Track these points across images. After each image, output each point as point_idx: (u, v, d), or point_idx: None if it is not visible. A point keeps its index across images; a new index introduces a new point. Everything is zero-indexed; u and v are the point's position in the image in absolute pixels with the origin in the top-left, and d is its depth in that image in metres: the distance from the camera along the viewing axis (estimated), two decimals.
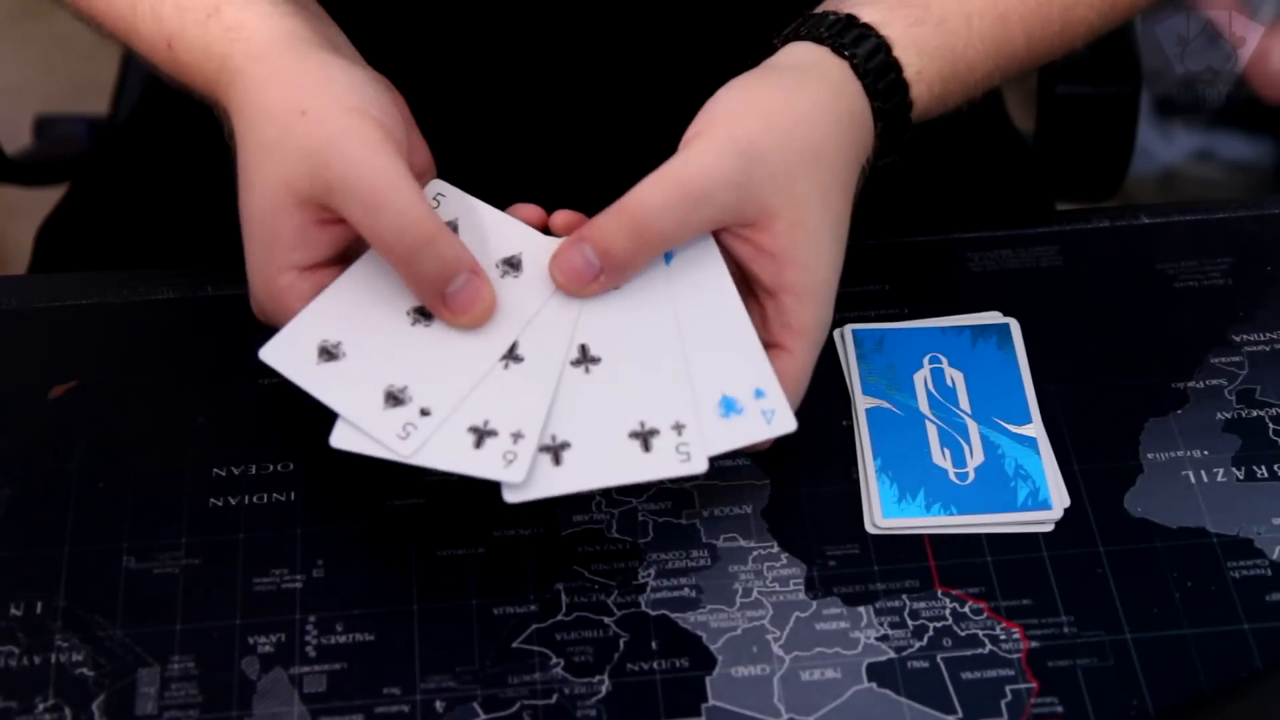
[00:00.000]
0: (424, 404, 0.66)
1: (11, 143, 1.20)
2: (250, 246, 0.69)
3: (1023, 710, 0.68)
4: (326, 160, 0.65)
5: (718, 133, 0.68)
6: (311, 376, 0.67)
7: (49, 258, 1.04)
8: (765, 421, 0.67)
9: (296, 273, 0.68)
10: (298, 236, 0.67)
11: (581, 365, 0.68)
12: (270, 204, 0.67)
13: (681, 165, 0.67)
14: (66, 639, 0.69)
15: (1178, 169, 1.83)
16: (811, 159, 0.69)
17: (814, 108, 0.70)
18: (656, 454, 0.66)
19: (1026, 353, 0.78)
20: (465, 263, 0.67)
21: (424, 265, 0.66)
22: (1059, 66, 1.10)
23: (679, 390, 0.67)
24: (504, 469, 0.65)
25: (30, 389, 0.77)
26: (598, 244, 0.68)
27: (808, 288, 0.69)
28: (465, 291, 0.67)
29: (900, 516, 0.73)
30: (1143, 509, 0.74)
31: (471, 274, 0.67)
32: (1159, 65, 1.10)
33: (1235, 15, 0.94)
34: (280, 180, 0.67)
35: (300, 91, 0.67)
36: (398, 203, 0.65)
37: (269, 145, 0.67)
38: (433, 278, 0.66)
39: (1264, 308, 0.81)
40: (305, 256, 0.68)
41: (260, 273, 0.68)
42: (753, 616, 0.70)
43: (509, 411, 0.66)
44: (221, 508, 0.73)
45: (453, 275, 0.66)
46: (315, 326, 0.68)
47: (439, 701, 0.67)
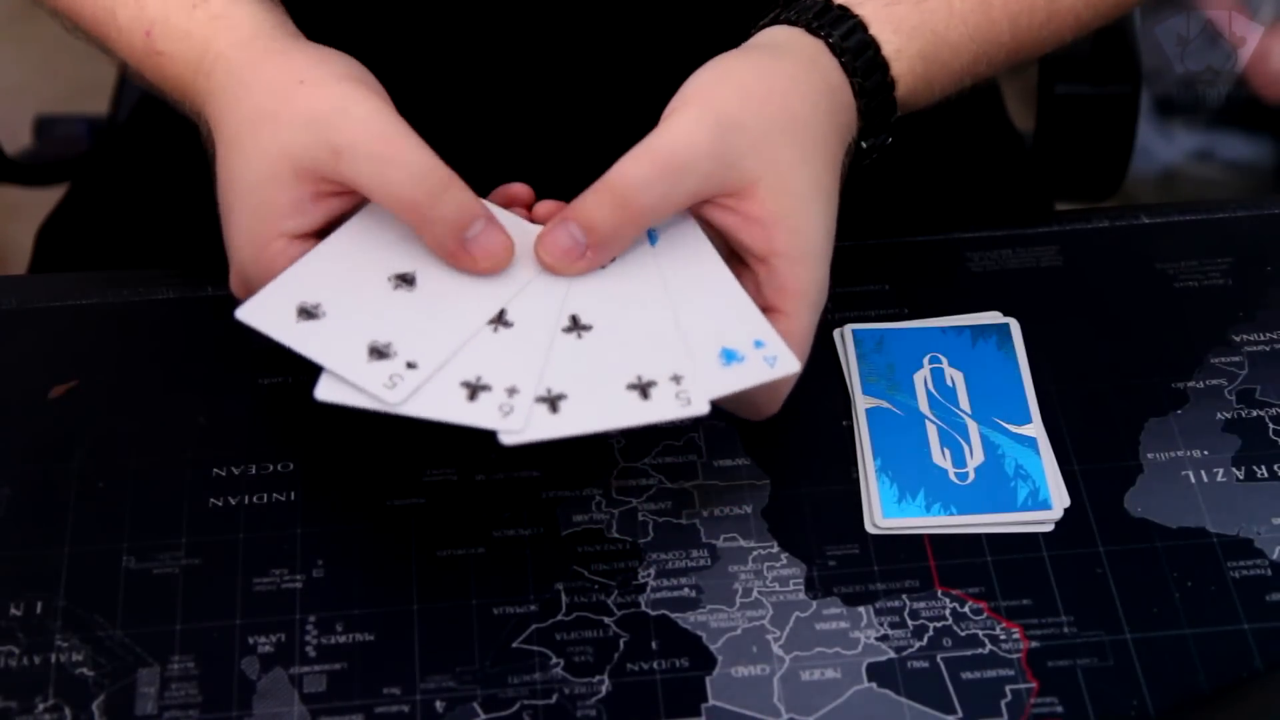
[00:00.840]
0: (410, 357, 0.66)
1: (11, 143, 1.20)
2: (239, 216, 0.68)
3: (1023, 710, 0.68)
4: (332, 124, 0.66)
5: (694, 105, 0.68)
6: (292, 332, 0.66)
7: (49, 258, 1.04)
8: (769, 365, 0.67)
9: (287, 240, 0.68)
10: (293, 206, 0.67)
11: (573, 332, 0.68)
12: (268, 172, 0.67)
13: (660, 138, 0.68)
14: (66, 639, 0.69)
15: (1178, 169, 1.83)
16: (790, 125, 0.69)
17: (790, 79, 0.71)
18: (656, 400, 0.66)
19: (1026, 353, 0.78)
20: (481, 208, 0.67)
21: (444, 209, 0.66)
22: (1059, 66, 1.10)
23: (673, 346, 0.67)
24: (500, 419, 0.65)
25: (30, 389, 0.77)
26: (582, 221, 0.68)
27: (798, 250, 0.68)
28: (485, 235, 0.67)
29: (900, 516, 0.73)
30: (1143, 509, 0.74)
31: (489, 218, 0.67)
32: (1159, 65, 1.10)
33: (1235, 15, 0.94)
34: (279, 149, 0.67)
35: (294, 65, 0.68)
36: (411, 152, 0.66)
37: (268, 115, 0.67)
38: (452, 221, 0.66)
39: (1264, 308, 0.81)
40: (298, 225, 0.68)
41: (250, 238, 0.68)
42: (753, 616, 0.70)
43: (502, 368, 0.66)
44: (221, 508, 0.73)
45: (471, 219, 0.67)
46: (294, 288, 0.67)
47: (439, 701, 0.67)
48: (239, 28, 0.71)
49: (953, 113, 0.81)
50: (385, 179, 0.66)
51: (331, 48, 0.72)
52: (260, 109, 0.68)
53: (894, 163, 0.78)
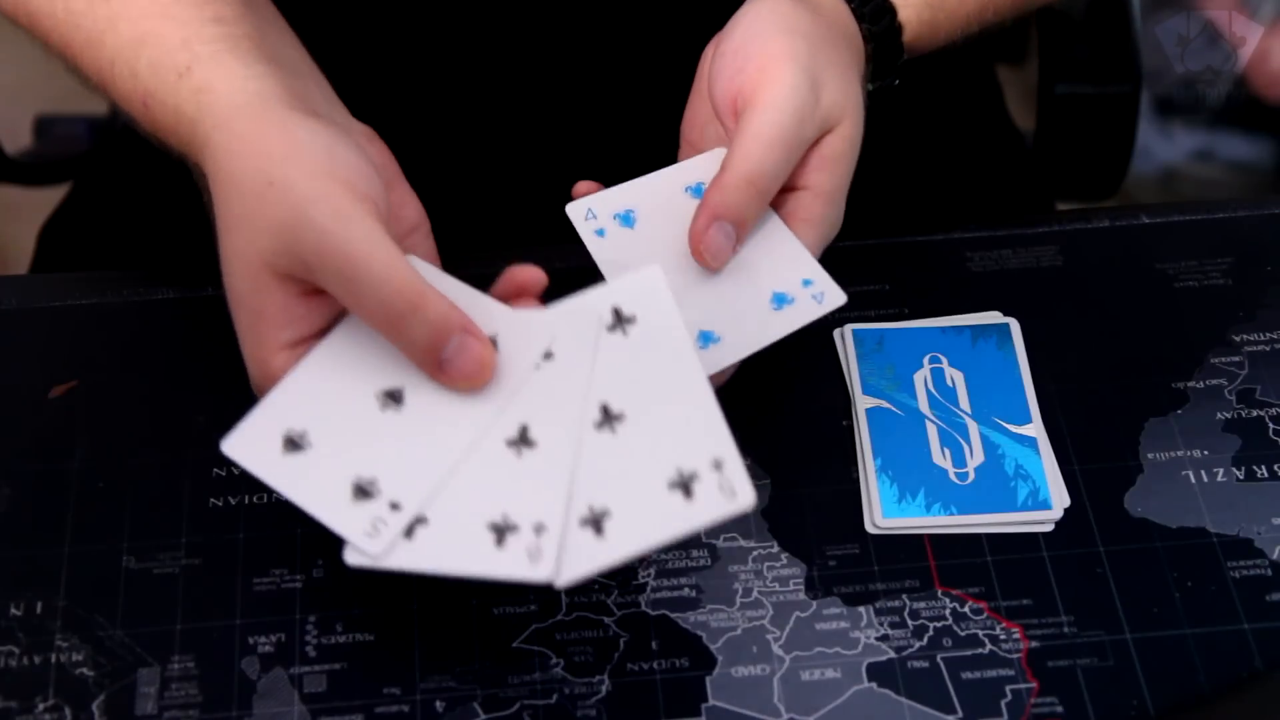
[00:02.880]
0: (393, 497, 0.62)
1: (11, 143, 1.20)
2: (239, 328, 0.66)
3: (1023, 710, 0.68)
4: (298, 234, 0.62)
5: (786, 66, 0.69)
6: (277, 471, 0.63)
7: (51, 258, 1.04)
8: (817, 303, 0.69)
9: (289, 351, 0.65)
10: (284, 314, 0.64)
11: (606, 427, 0.64)
12: (251, 285, 0.64)
13: (777, 119, 0.68)
14: (66, 639, 0.69)
15: (1178, 169, 1.83)
16: (852, 68, 0.72)
17: (830, 28, 0.73)
18: (700, 499, 0.62)
19: (1026, 353, 0.78)
20: (455, 323, 0.63)
21: (413, 333, 0.62)
22: (1059, 66, 1.10)
23: (712, 423, 0.63)
24: (530, 566, 0.61)
25: (30, 389, 0.77)
26: (736, 219, 0.69)
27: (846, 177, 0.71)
28: (461, 355, 0.63)
29: (900, 516, 0.73)
30: (1143, 509, 0.74)
31: (465, 334, 0.63)
32: (1159, 65, 1.10)
33: (1235, 15, 0.94)
34: (256, 257, 0.64)
35: (266, 160, 0.64)
36: (376, 271, 0.61)
37: (241, 220, 0.64)
38: (425, 343, 0.63)
39: (1264, 308, 0.81)
40: (295, 333, 0.65)
41: (253, 355, 0.65)
42: (753, 616, 0.70)
43: (529, 501, 0.62)
44: (221, 508, 0.73)
45: (446, 339, 0.63)
46: (280, 414, 0.64)
47: (439, 701, 0.67)
48: (216, 104, 0.67)
49: (953, 112, 0.81)
50: (351, 297, 0.62)
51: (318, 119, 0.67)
52: (235, 215, 0.65)
53: (895, 163, 0.78)
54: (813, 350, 0.78)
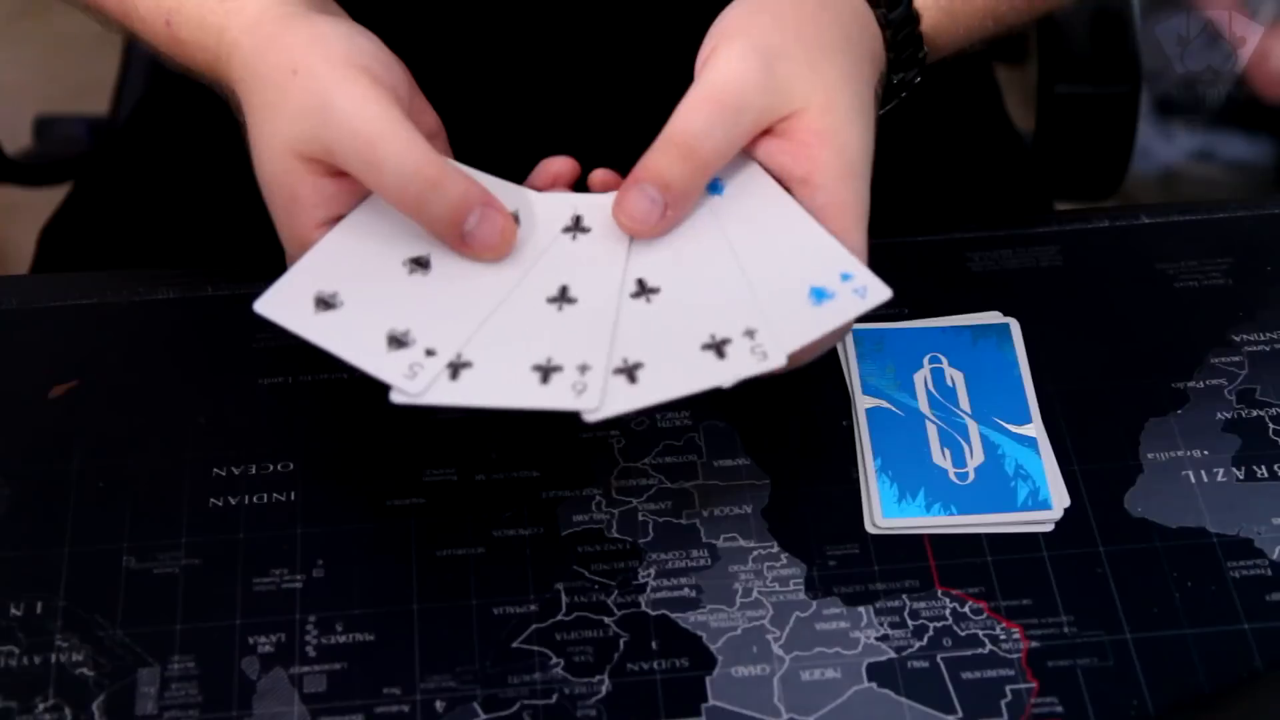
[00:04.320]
0: (428, 344, 0.65)
1: (11, 143, 1.20)
2: (274, 213, 0.68)
3: (1023, 710, 0.68)
4: (321, 118, 0.65)
5: (737, 39, 0.68)
6: (310, 325, 0.66)
7: (52, 258, 1.04)
8: (860, 297, 0.67)
9: (327, 227, 0.68)
10: (316, 194, 0.67)
11: (641, 297, 0.67)
12: (282, 168, 0.67)
13: (711, 80, 0.67)
14: (66, 639, 0.69)
15: (1178, 169, 1.83)
16: (830, 47, 0.70)
17: (819, 6, 0.71)
18: (732, 359, 0.65)
19: (1026, 353, 0.78)
20: (476, 197, 0.66)
21: (434, 209, 0.65)
22: (1059, 66, 1.10)
23: (744, 300, 0.67)
24: (575, 398, 0.64)
25: (30, 389, 0.77)
26: (656, 180, 0.67)
27: (843, 166, 0.68)
28: (482, 227, 0.66)
29: (900, 516, 0.73)
30: (1143, 509, 0.74)
31: (485, 207, 0.66)
32: (1159, 65, 1.10)
33: (1235, 15, 0.94)
34: (284, 143, 0.66)
35: (290, 51, 0.67)
36: (395, 152, 0.64)
37: (268, 109, 0.67)
38: (446, 219, 0.66)
39: (1264, 308, 0.81)
40: (329, 211, 0.68)
41: (291, 235, 0.68)
42: (753, 616, 0.70)
43: (571, 347, 0.65)
44: (221, 508, 0.73)
45: (466, 213, 0.66)
46: (310, 277, 0.67)
47: (439, 701, 0.67)
48: (245, 9, 0.70)
49: (953, 112, 0.81)
50: (372, 179, 0.65)
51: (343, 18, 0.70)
52: (263, 103, 0.67)
53: (894, 162, 0.78)
54: None
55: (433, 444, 0.75)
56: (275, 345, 0.78)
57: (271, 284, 0.66)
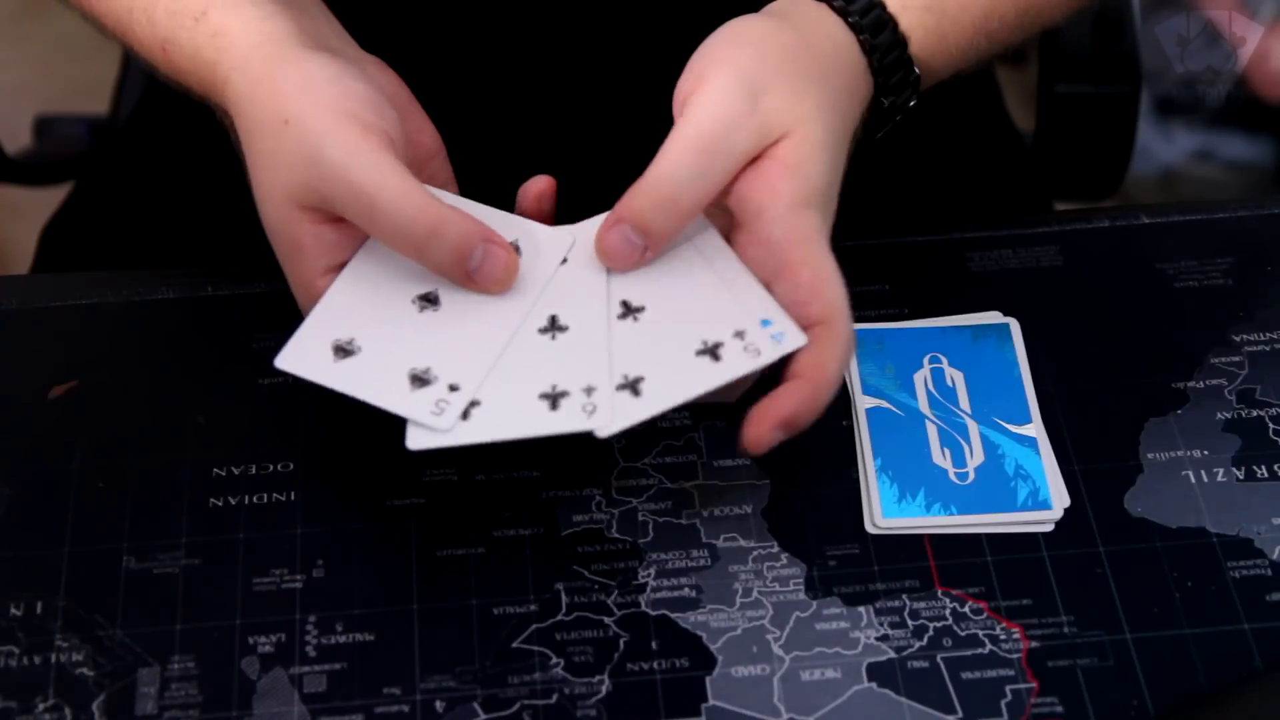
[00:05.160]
0: (451, 380, 0.66)
1: (12, 143, 1.20)
2: (281, 259, 0.69)
3: (1023, 710, 0.68)
4: (315, 172, 0.65)
5: (721, 73, 0.68)
6: (333, 374, 0.67)
7: (53, 258, 1.04)
8: (776, 342, 0.67)
9: (332, 274, 0.68)
10: (319, 242, 0.67)
11: (628, 317, 0.68)
12: (283, 217, 0.67)
13: (698, 123, 0.67)
14: (66, 639, 0.69)
15: (1178, 169, 1.83)
16: (809, 78, 0.70)
17: (797, 38, 0.71)
18: (728, 360, 0.66)
19: (1026, 353, 0.78)
20: (476, 235, 0.66)
21: (437, 254, 0.66)
22: (1059, 66, 1.10)
23: (728, 306, 0.68)
24: (587, 419, 0.65)
25: (30, 389, 0.77)
26: (637, 223, 0.67)
27: (801, 198, 0.68)
28: (486, 264, 0.67)
29: (900, 516, 0.73)
30: (1143, 509, 0.74)
31: (486, 244, 0.67)
32: (1159, 65, 1.10)
33: (1235, 15, 0.94)
34: (282, 192, 0.67)
35: (281, 99, 0.67)
36: (390, 200, 0.65)
37: (266, 155, 0.67)
38: (449, 261, 0.66)
39: (1264, 308, 0.81)
40: (333, 258, 0.68)
41: (298, 283, 0.69)
42: (753, 616, 0.70)
43: (572, 372, 0.66)
44: (221, 508, 0.73)
45: (468, 253, 0.66)
46: (325, 327, 0.67)
47: (439, 701, 0.67)
48: (234, 47, 0.69)
49: (953, 112, 0.81)
50: (372, 229, 0.66)
51: (330, 54, 0.70)
52: (261, 149, 0.67)
53: (894, 163, 0.78)
54: None
55: None
56: (275, 345, 0.78)
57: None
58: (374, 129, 0.66)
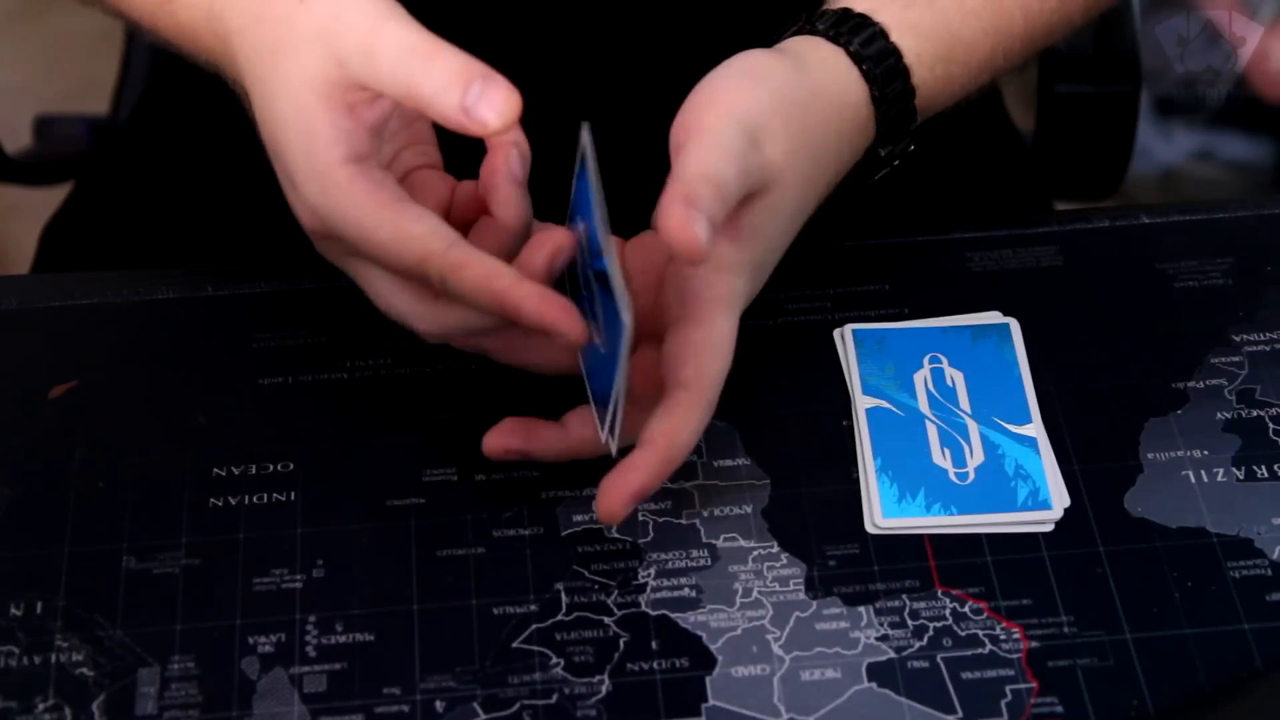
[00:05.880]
0: None
1: (12, 143, 1.20)
2: (292, 156, 0.67)
3: (1023, 710, 0.68)
4: (334, 34, 0.65)
5: (730, 110, 0.67)
6: None
7: (54, 257, 1.04)
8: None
9: (346, 165, 0.66)
10: (334, 130, 0.66)
11: None
12: (297, 104, 0.66)
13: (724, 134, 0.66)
14: (66, 639, 0.69)
15: (1178, 169, 1.83)
16: (812, 133, 0.70)
17: (810, 94, 0.70)
18: None
19: (1026, 353, 0.78)
20: (475, 69, 0.64)
21: (433, 83, 0.64)
22: (1059, 66, 1.10)
23: None
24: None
25: (30, 389, 0.77)
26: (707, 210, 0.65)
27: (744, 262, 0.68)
28: (485, 98, 0.64)
29: (900, 516, 0.73)
30: (1143, 509, 0.74)
31: (486, 79, 0.64)
32: (1159, 65, 1.10)
33: (1235, 15, 0.94)
34: (297, 78, 0.66)
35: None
36: (390, 34, 0.64)
37: (277, 46, 0.66)
38: (445, 92, 0.64)
39: (1264, 308, 0.81)
40: (347, 148, 0.66)
41: (310, 174, 0.66)
42: (753, 616, 0.70)
43: None
44: (221, 508, 0.73)
45: (467, 84, 0.64)
46: None
47: (439, 701, 0.67)
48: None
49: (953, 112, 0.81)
50: (375, 73, 0.64)
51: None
52: (270, 42, 0.67)
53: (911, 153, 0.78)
54: (813, 350, 0.78)
55: (433, 444, 0.75)
56: (275, 345, 0.78)
57: None
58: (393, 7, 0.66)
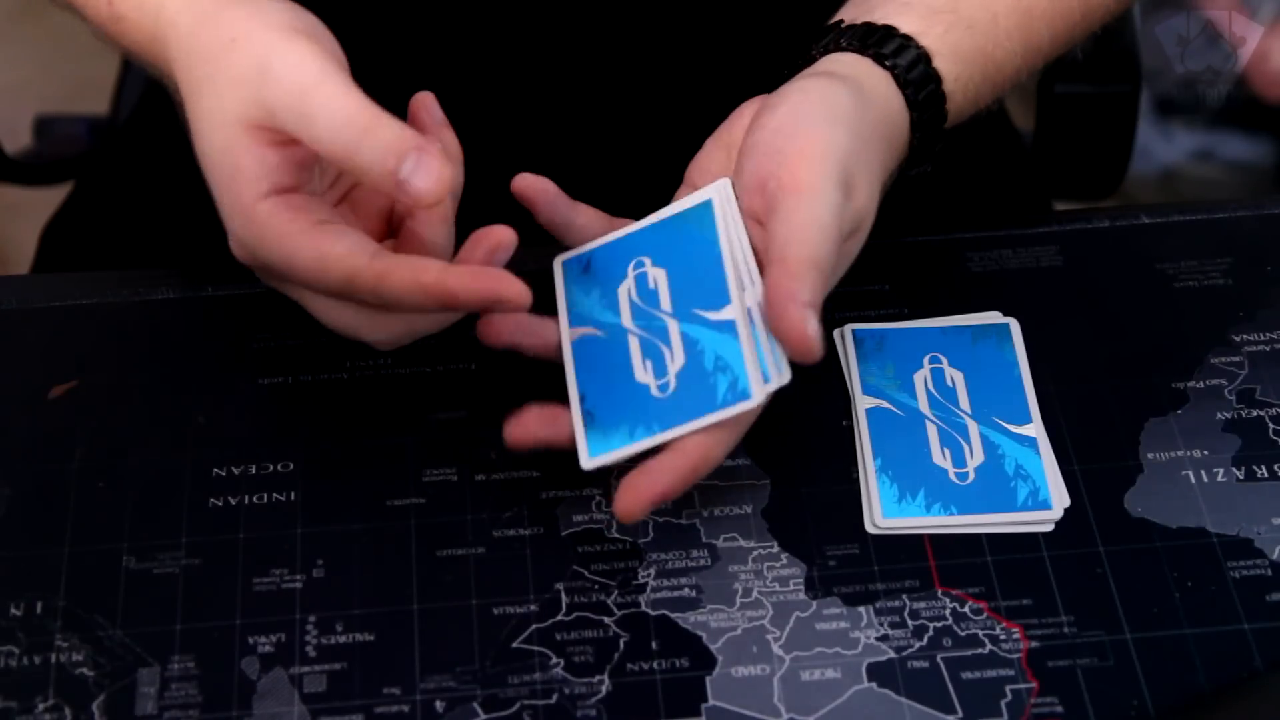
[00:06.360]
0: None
1: (12, 143, 1.20)
2: (218, 191, 0.67)
3: (1023, 710, 0.68)
4: (260, 79, 0.65)
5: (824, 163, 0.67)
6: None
7: (53, 258, 1.04)
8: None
9: (268, 199, 0.66)
10: (259, 165, 0.66)
11: None
12: (223, 140, 0.66)
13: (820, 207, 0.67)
14: (66, 639, 0.69)
15: (1178, 169, 1.83)
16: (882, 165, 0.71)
17: (873, 127, 0.71)
18: None
19: (1026, 353, 0.78)
20: (410, 141, 0.63)
21: (367, 155, 0.63)
22: (1059, 66, 1.10)
23: None
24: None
25: (30, 389, 0.77)
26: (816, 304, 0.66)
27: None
28: (418, 173, 0.63)
29: (900, 516, 0.73)
30: (1143, 509, 0.74)
31: (420, 152, 0.63)
32: (1159, 65, 1.10)
33: (1235, 15, 0.94)
34: (225, 113, 0.66)
35: (228, 23, 0.67)
36: (327, 99, 0.64)
37: (206, 83, 0.67)
38: (379, 165, 0.63)
39: (1264, 308, 0.81)
40: (271, 183, 0.66)
41: (235, 208, 0.67)
42: (753, 616, 0.70)
43: None
44: (221, 508, 0.73)
45: (400, 158, 0.63)
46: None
47: (439, 701, 0.67)
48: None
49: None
50: (310, 133, 0.64)
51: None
52: (202, 77, 0.67)
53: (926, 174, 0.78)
54: None
55: (433, 444, 0.75)
56: (275, 345, 0.78)
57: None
58: (324, 46, 0.66)
